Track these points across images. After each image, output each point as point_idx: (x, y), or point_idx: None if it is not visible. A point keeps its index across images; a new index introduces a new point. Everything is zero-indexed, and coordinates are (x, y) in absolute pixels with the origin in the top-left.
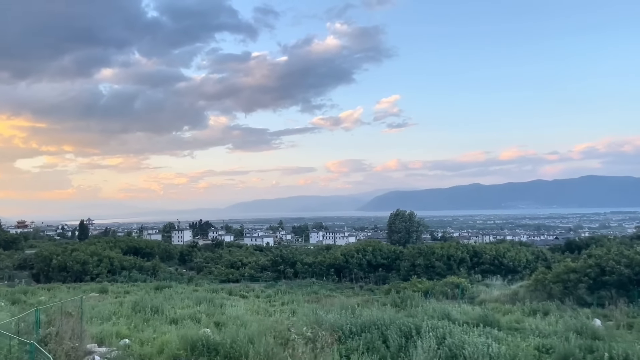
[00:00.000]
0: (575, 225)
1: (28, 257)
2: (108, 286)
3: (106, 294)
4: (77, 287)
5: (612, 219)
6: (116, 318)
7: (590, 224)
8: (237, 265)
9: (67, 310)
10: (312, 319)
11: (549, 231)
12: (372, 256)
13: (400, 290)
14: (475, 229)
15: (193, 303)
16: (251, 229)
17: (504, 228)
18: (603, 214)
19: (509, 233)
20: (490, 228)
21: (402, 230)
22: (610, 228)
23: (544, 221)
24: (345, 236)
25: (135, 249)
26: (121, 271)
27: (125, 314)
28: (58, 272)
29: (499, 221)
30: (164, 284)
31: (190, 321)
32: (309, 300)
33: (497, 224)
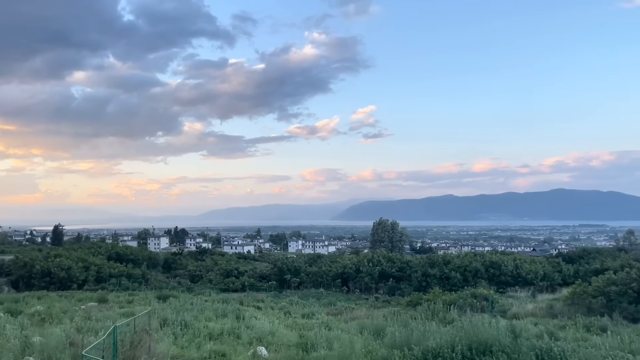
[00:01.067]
0: (546, 237)
1: (4, 264)
2: (107, 295)
3: (106, 304)
4: (68, 295)
5: (581, 232)
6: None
7: (561, 236)
8: (233, 273)
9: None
10: (395, 339)
11: (523, 243)
12: (385, 266)
13: (422, 302)
14: (450, 239)
15: (215, 315)
16: (229, 237)
17: (478, 239)
18: (572, 227)
19: (486, 244)
20: (464, 239)
21: (385, 240)
22: (580, 240)
23: (516, 233)
24: (325, 245)
25: (118, 256)
26: (109, 279)
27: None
28: (41, 279)
29: (472, 232)
30: (167, 293)
31: (229, 337)
32: (328, 312)
33: (471, 234)
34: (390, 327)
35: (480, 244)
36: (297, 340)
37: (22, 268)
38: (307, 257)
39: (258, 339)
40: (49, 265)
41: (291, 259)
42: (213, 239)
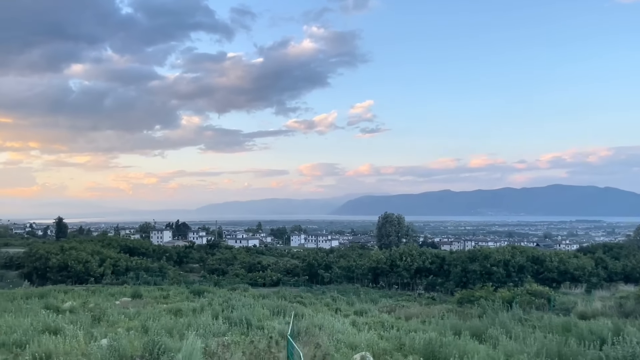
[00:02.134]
0: (545, 233)
1: (14, 256)
2: (141, 290)
3: (141, 299)
4: (94, 289)
5: (579, 227)
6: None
7: (559, 232)
8: (257, 267)
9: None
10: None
11: (522, 238)
12: (418, 261)
13: (474, 299)
14: (448, 234)
15: (270, 313)
16: (232, 231)
17: (477, 234)
18: (569, 222)
19: (489, 239)
20: (463, 234)
21: (391, 234)
22: (578, 236)
23: (514, 228)
24: (328, 239)
25: (129, 249)
26: (126, 272)
27: (223, 330)
28: (57, 273)
29: (470, 227)
30: (201, 288)
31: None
32: (380, 309)
33: (469, 230)
34: (492, 329)
35: (482, 239)
36: (387, 344)
37: (37, 261)
38: (336, 252)
39: (347, 343)
40: (66, 259)
41: (321, 254)
42: (215, 232)
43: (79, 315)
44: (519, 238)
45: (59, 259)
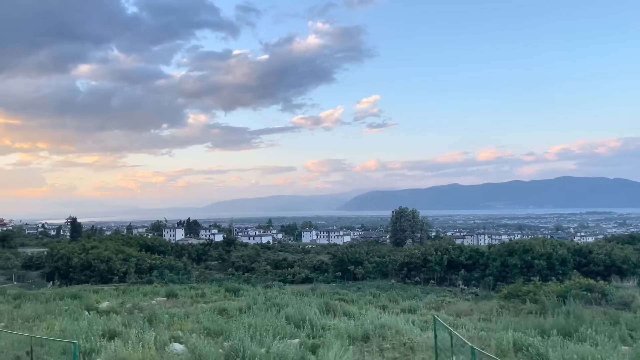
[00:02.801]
0: (555, 225)
1: (33, 256)
2: (175, 289)
3: (176, 298)
4: (125, 289)
5: (589, 219)
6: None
7: (569, 224)
8: (283, 264)
9: None
10: None
11: (533, 231)
12: (452, 255)
13: (521, 294)
14: (457, 228)
15: (319, 311)
16: (243, 228)
17: (487, 228)
18: (579, 214)
19: (502, 232)
20: (473, 228)
21: (406, 229)
22: (589, 228)
23: (523, 221)
24: (339, 235)
25: (148, 247)
26: (149, 271)
27: (287, 333)
28: (80, 272)
29: (479, 221)
30: (235, 286)
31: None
32: (427, 305)
33: (478, 223)
34: (584, 328)
35: (495, 232)
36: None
37: (59, 261)
38: (365, 247)
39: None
40: (88, 258)
41: (352, 249)
42: (226, 230)
43: (130, 317)
44: (530, 231)
45: (81, 258)
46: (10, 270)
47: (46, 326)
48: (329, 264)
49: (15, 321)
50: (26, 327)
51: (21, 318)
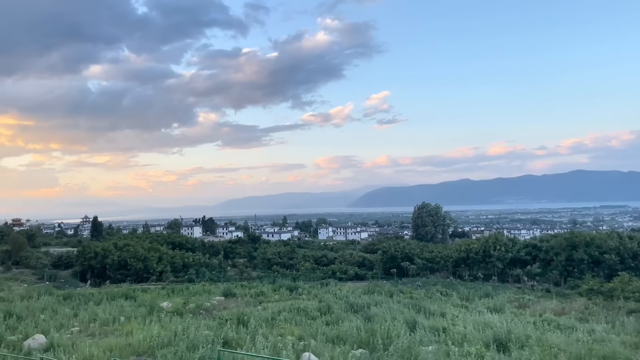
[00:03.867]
0: (570, 220)
1: (63, 255)
2: (233, 288)
3: (234, 297)
4: (174, 288)
5: (604, 213)
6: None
7: (584, 218)
8: (323, 261)
9: None
10: None
11: (548, 226)
12: (515, 250)
13: (608, 290)
14: (472, 223)
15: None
16: (259, 225)
17: (501, 222)
18: (593, 208)
19: (522, 227)
20: (486, 223)
21: (428, 225)
22: (604, 222)
23: (537, 216)
24: (357, 231)
25: (176, 245)
26: (184, 269)
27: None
28: (116, 271)
29: (491, 216)
30: (290, 284)
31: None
32: (511, 304)
33: (490, 218)
34: None
35: (514, 227)
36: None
37: (92, 259)
38: (415, 243)
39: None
40: (124, 256)
41: (402, 245)
42: (242, 227)
43: (213, 320)
44: (545, 225)
45: (116, 257)
46: (41, 270)
47: (129, 330)
48: (374, 260)
49: (90, 325)
50: (109, 332)
51: (95, 321)
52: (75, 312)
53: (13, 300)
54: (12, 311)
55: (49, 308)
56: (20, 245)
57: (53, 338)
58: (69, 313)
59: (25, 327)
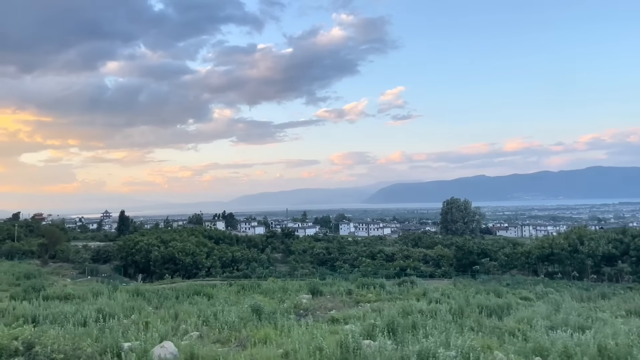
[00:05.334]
0: (590, 216)
1: (100, 249)
2: (319, 285)
3: (321, 296)
4: (243, 284)
5: (623, 210)
6: None
7: (603, 215)
8: (380, 256)
9: None
10: None
11: (567, 222)
12: (601, 244)
13: None
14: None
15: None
16: (280, 220)
17: (519, 219)
18: (612, 205)
19: (547, 223)
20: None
21: (458, 220)
22: (625, 219)
23: (555, 212)
24: (380, 227)
25: (216, 239)
26: (232, 263)
27: None
28: (162, 265)
29: (508, 212)
30: (365, 281)
31: None
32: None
33: (507, 215)
34: None
35: (541, 223)
36: None
37: (136, 254)
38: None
39: None
40: (171, 251)
41: (476, 241)
42: (262, 223)
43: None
44: (566, 222)
45: (162, 251)
46: (81, 264)
47: (265, 337)
48: (443, 256)
49: (215, 330)
50: (235, 338)
51: (217, 325)
52: (175, 312)
53: (86, 297)
54: (102, 310)
55: (135, 307)
56: (56, 238)
57: (185, 346)
58: (164, 313)
59: (134, 330)
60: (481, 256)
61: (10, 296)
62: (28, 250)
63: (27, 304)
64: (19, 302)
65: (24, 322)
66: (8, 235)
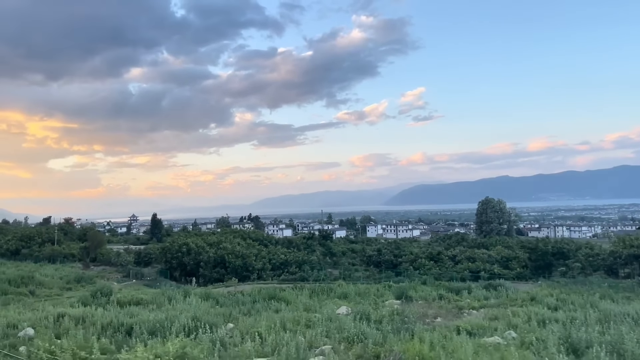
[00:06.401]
0: (620, 217)
1: (141, 252)
2: (406, 289)
3: (410, 301)
4: (312, 288)
5: None
6: None
7: (633, 215)
8: (441, 259)
9: None
10: None
11: (598, 223)
12: None
13: None
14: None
15: None
16: (307, 223)
17: (545, 219)
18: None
19: (583, 224)
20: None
21: (493, 221)
22: None
23: (582, 213)
24: (408, 229)
25: (257, 241)
26: (282, 266)
27: None
28: (212, 269)
29: (534, 213)
30: (458, 286)
31: None
32: None
33: (533, 216)
34: None
35: (575, 224)
36: None
37: (185, 256)
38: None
39: None
40: (221, 253)
41: (552, 240)
42: (289, 225)
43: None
44: (598, 223)
45: (213, 253)
46: (124, 267)
47: (416, 354)
48: (513, 257)
49: (337, 343)
50: (371, 355)
51: (338, 337)
52: (281, 320)
53: (161, 302)
54: (199, 318)
55: (225, 314)
56: (99, 242)
57: None
58: (264, 321)
59: (256, 343)
60: (557, 257)
61: (79, 301)
62: (69, 254)
63: (104, 311)
64: (94, 308)
65: (114, 331)
66: (49, 239)
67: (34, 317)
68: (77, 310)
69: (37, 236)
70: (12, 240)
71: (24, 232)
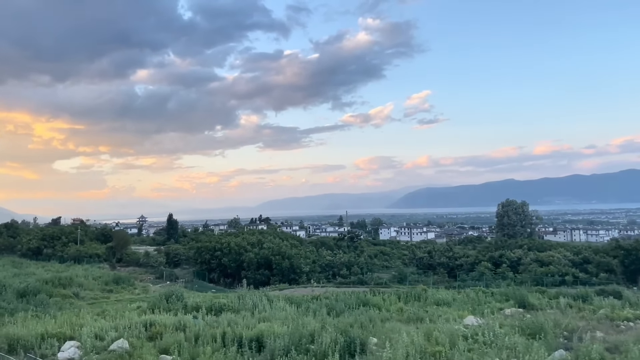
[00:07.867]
0: (628, 221)
1: (170, 252)
2: (529, 297)
3: (531, 310)
4: (409, 292)
5: None
6: None
7: None
8: (503, 262)
9: None
10: None
11: (607, 227)
12: None
13: None
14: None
15: None
16: (320, 225)
17: (553, 223)
18: None
19: (601, 228)
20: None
21: (516, 224)
22: None
23: (589, 217)
24: (423, 232)
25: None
26: (326, 269)
27: None
28: (255, 270)
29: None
30: (560, 291)
31: None
32: None
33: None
34: None
35: (592, 227)
36: None
37: (225, 256)
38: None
39: None
40: (265, 253)
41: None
42: (302, 227)
43: None
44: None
45: (255, 254)
46: (156, 268)
47: None
48: (600, 261)
49: None
50: None
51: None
52: (426, 337)
53: (249, 309)
54: (316, 331)
55: (362, 326)
56: (125, 242)
57: None
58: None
59: None
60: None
61: (152, 306)
62: (94, 254)
63: (194, 319)
64: (173, 314)
65: (239, 346)
66: (73, 239)
67: (116, 325)
68: (165, 317)
69: (63, 236)
70: (33, 239)
71: (47, 231)
